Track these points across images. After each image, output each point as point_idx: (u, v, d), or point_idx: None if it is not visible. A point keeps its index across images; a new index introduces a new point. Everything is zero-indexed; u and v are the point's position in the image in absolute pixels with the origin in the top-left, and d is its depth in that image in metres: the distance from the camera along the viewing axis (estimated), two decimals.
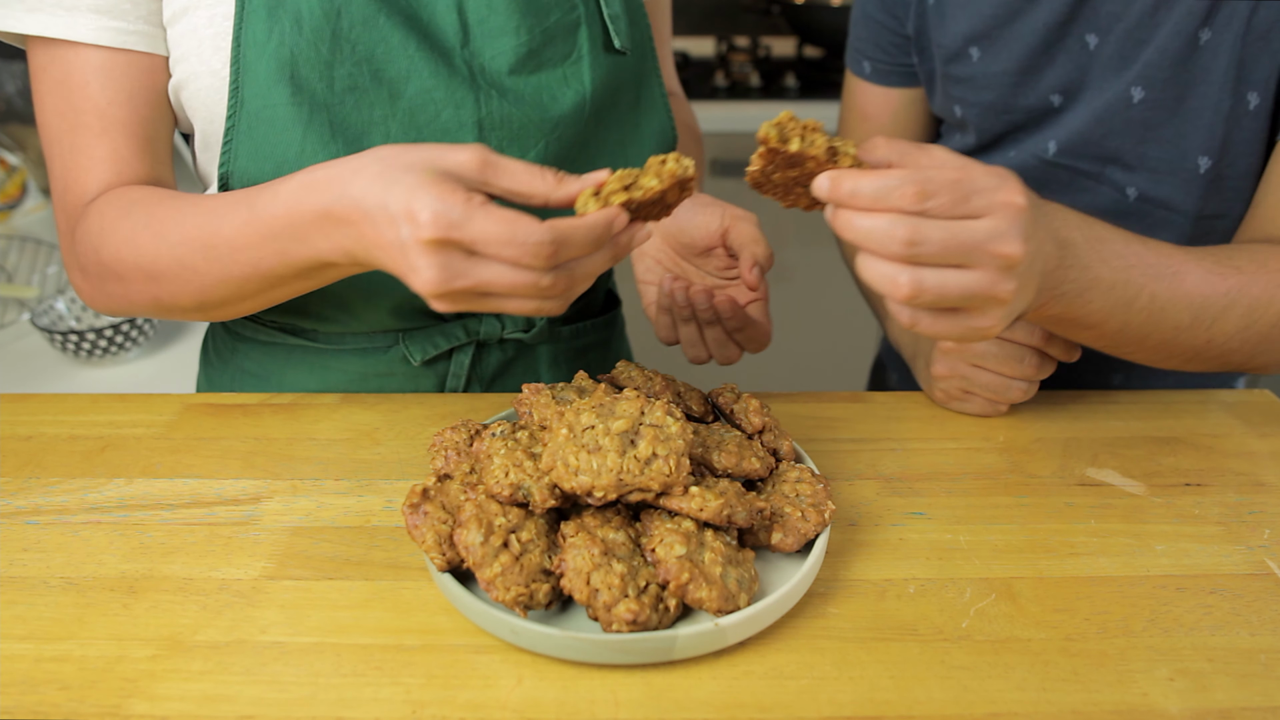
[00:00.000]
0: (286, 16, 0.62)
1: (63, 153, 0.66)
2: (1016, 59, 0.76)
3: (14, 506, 0.60)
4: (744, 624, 0.49)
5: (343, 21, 0.63)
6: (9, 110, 1.52)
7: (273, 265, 0.57)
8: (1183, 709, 0.46)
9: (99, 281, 0.66)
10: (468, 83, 0.66)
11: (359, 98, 0.64)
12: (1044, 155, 0.79)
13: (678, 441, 0.50)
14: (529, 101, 0.68)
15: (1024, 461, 0.66)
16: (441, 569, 0.50)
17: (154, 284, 0.62)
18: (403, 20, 0.64)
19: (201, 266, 0.60)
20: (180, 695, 0.47)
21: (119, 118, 0.65)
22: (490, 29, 0.66)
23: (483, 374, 0.78)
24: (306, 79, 0.63)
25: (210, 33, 0.63)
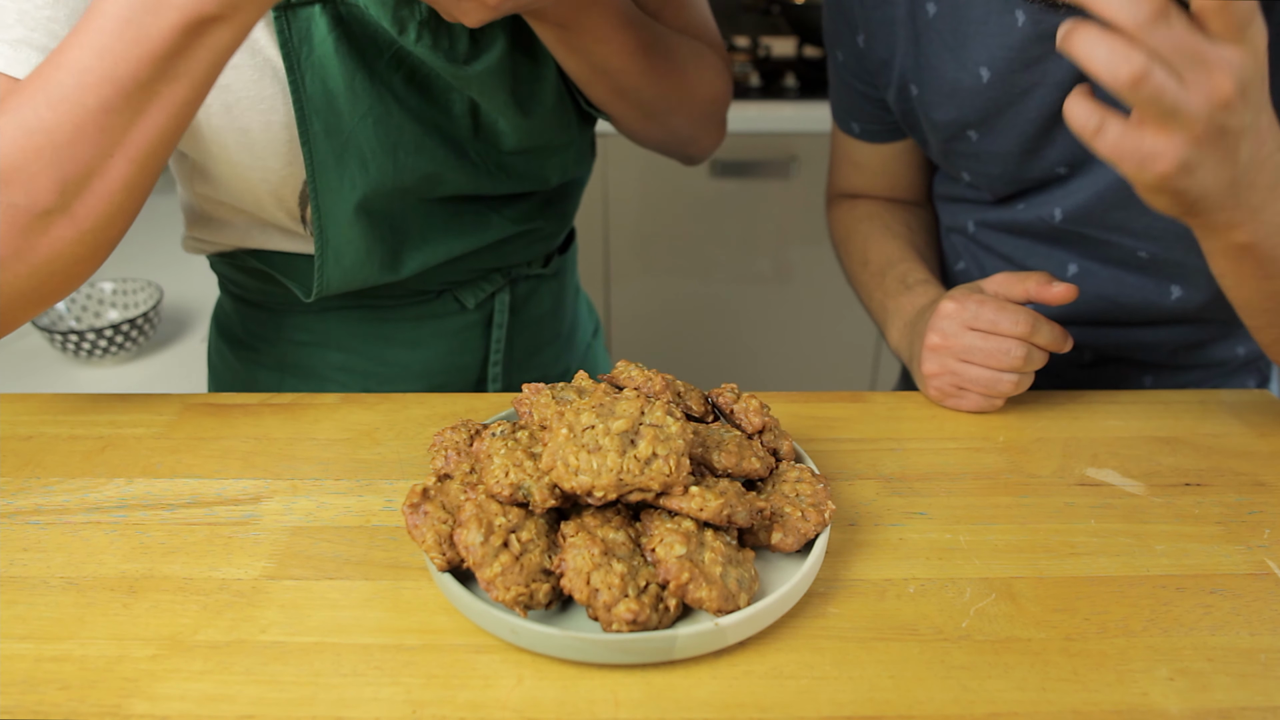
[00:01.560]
0: (353, 161, 0.66)
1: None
2: (1016, 142, 0.75)
3: (14, 506, 0.61)
4: (744, 624, 0.49)
5: (399, 153, 0.68)
6: None
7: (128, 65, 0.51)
8: (1183, 709, 0.46)
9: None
10: (483, 169, 0.74)
11: (417, 207, 0.73)
12: (1051, 221, 0.78)
13: (678, 441, 0.50)
14: (525, 176, 0.78)
15: (1024, 461, 0.66)
16: (441, 569, 0.50)
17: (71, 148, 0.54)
18: (441, 137, 0.70)
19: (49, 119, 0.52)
20: (180, 695, 0.47)
21: None
22: (496, 130, 0.74)
23: (518, 305, 0.88)
24: (377, 208, 0.70)
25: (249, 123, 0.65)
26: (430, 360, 0.84)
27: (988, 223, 0.85)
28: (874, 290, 0.85)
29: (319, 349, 0.82)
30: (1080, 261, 0.81)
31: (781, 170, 1.88)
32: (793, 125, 1.85)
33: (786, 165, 1.87)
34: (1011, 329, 0.67)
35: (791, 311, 2.11)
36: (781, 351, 2.17)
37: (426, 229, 0.75)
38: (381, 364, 0.83)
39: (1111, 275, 0.80)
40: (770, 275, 2.07)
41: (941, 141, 0.80)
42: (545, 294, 0.91)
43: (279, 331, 0.82)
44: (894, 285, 0.82)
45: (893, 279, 0.83)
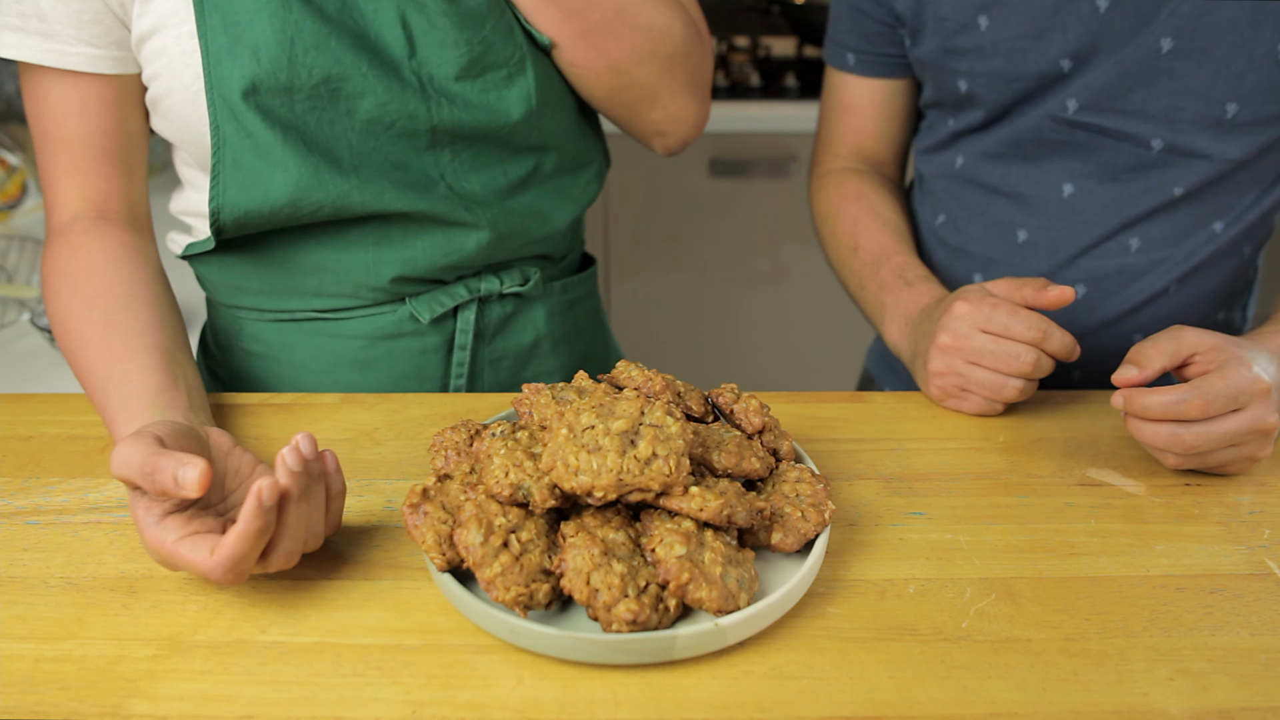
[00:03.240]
0: (245, 51, 0.65)
1: (45, 174, 0.72)
2: (1025, 23, 0.76)
3: (14, 506, 0.60)
4: (744, 624, 0.49)
5: (297, 48, 0.66)
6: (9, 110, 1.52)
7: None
8: (1183, 709, 0.46)
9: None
10: (418, 93, 0.69)
11: (319, 116, 0.68)
12: (1063, 115, 0.78)
13: (678, 441, 0.50)
14: (477, 105, 0.71)
15: (1024, 461, 0.66)
16: (441, 569, 0.50)
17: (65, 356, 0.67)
18: (353, 40, 0.67)
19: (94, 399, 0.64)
20: (180, 695, 0.47)
21: (84, 138, 0.70)
22: (433, 40, 0.69)
23: (486, 328, 0.80)
24: (270, 105, 0.66)
25: (179, 50, 0.66)
26: (383, 384, 0.79)
27: (981, 151, 0.85)
28: (866, 281, 0.85)
29: (272, 362, 0.79)
30: (1077, 181, 0.81)
31: (781, 170, 1.88)
32: (792, 125, 1.85)
33: (786, 165, 1.87)
34: (1024, 334, 0.67)
35: (791, 311, 2.11)
36: (781, 351, 2.16)
37: (359, 158, 0.69)
38: (334, 384, 0.78)
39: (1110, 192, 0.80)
40: (770, 275, 2.07)
41: (948, 37, 0.80)
42: (526, 323, 0.82)
43: (237, 340, 0.80)
44: (891, 279, 0.81)
45: (889, 272, 0.82)
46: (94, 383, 0.63)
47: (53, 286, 0.69)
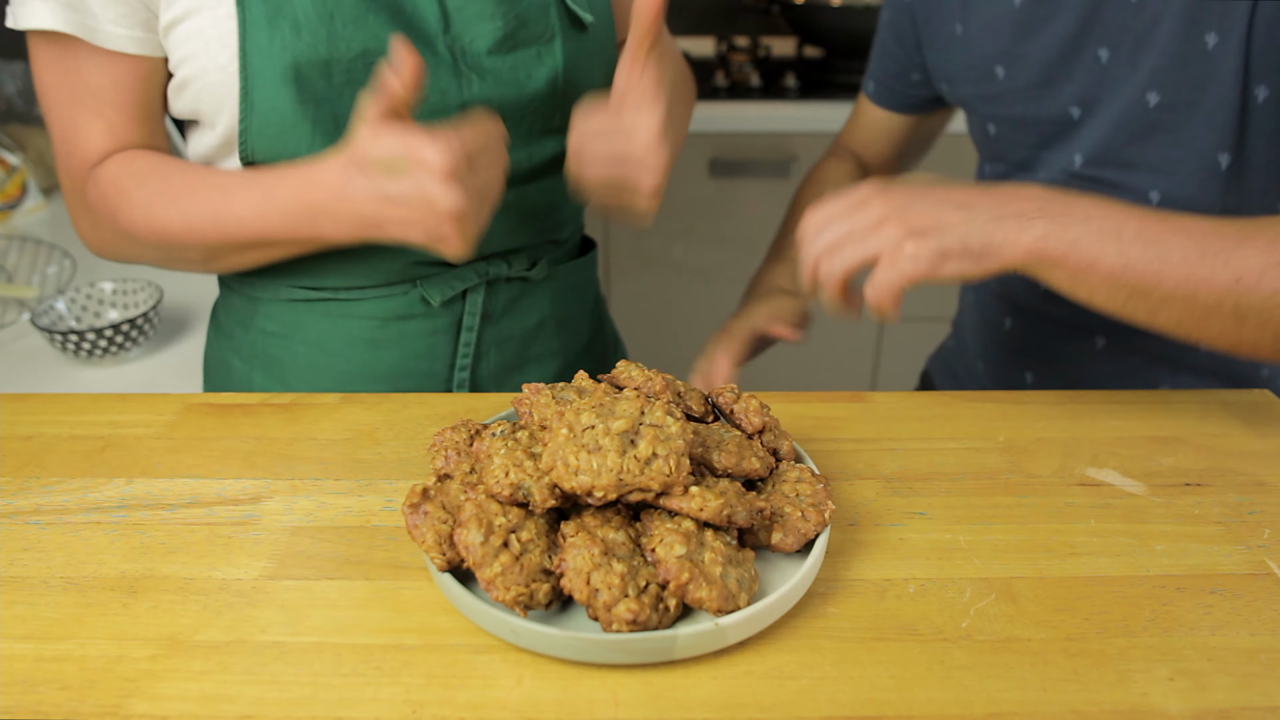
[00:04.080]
0: (285, 23, 0.66)
1: (63, 122, 0.73)
2: (1036, 73, 0.80)
3: (14, 506, 0.60)
4: (744, 624, 0.49)
5: (336, 22, 0.67)
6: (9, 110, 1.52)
7: (279, 237, 0.69)
8: (1183, 709, 0.46)
9: (111, 237, 0.75)
10: (451, 68, 0.71)
11: (355, 90, 0.69)
12: (1071, 169, 0.82)
13: (678, 441, 0.50)
14: (506, 80, 0.73)
15: (1024, 461, 0.66)
16: (441, 569, 0.50)
17: (165, 245, 0.72)
18: (389, 15, 0.69)
19: (211, 234, 0.70)
20: (180, 695, 0.47)
21: (116, 102, 0.72)
22: (469, 15, 0.71)
23: (493, 310, 0.82)
24: (309, 79, 0.68)
25: (216, 33, 0.67)
26: (394, 363, 0.80)
27: None
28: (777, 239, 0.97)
29: (287, 341, 0.80)
30: None
31: (781, 170, 1.88)
32: (792, 125, 1.85)
33: (786, 165, 1.87)
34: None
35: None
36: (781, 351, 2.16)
37: None
38: (346, 362, 0.80)
39: None
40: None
41: (974, 84, 0.86)
42: (531, 305, 0.84)
43: (252, 319, 0.81)
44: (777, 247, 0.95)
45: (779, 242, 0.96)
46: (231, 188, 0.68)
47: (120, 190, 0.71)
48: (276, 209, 0.66)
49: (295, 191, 0.66)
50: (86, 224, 0.76)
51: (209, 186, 0.70)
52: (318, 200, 0.64)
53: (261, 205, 0.67)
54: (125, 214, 0.71)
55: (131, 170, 0.72)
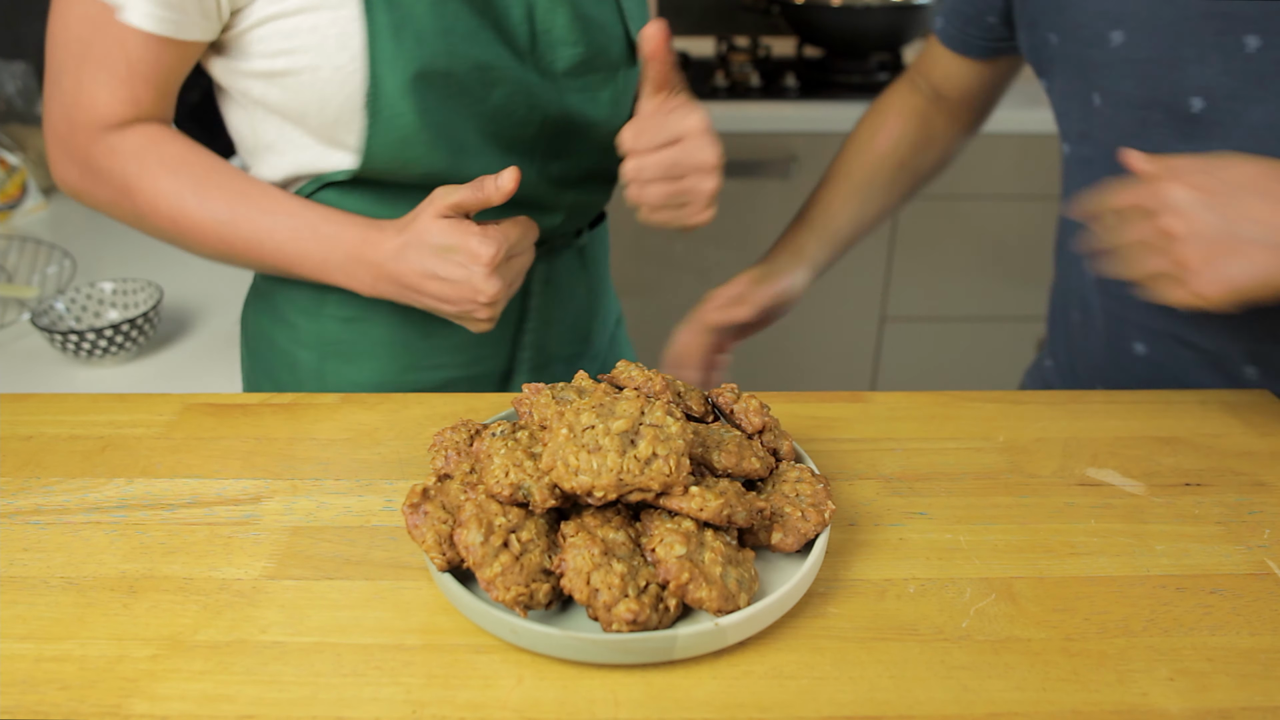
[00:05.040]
0: (409, 34, 0.70)
1: (75, 75, 0.72)
2: (1161, 45, 0.67)
3: (14, 506, 0.60)
4: (744, 624, 0.49)
5: (454, 36, 0.71)
6: (9, 110, 1.52)
7: (303, 269, 0.74)
8: (1183, 709, 0.46)
9: (104, 196, 0.75)
10: (539, 85, 0.77)
11: (460, 102, 0.74)
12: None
13: (678, 441, 0.50)
14: (576, 103, 0.79)
15: (1024, 461, 0.66)
16: (441, 569, 0.50)
17: (178, 233, 0.74)
18: (495, 32, 0.74)
19: (238, 244, 0.73)
20: (180, 695, 0.47)
21: (147, 75, 0.72)
22: (553, 37, 0.77)
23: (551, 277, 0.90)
24: (426, 91, 0.72)
25: (335, 32, 0.69)
26: (469, 336, 0.85)
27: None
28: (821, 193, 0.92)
29: (362, 324, 0.83)
30: None
31: (781, 170, 1.88)
32: (793, 125, 1.85)
33: (786, 165, 1.87)
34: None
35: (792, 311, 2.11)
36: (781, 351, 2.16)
37: (481, 143, 0.76)
38: (423, 336, 0.84)
39: None
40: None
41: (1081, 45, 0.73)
42: (578, 270, 0.93)
43: (322, 307, 0.83)
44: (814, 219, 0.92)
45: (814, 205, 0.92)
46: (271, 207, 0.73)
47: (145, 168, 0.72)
48: (318, 246, 0.72)
49: (346, 239, 0.72)
50: (75, 173, 0.75)
51: (248, 199, 0.73)
52: (366, 256, 0.71)
53: (303, 237, 0.72)
54: (144, 192, 0.72)
55: (162, 152, 0.73)
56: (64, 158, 0.75)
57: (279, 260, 0.74)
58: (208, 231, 0.73)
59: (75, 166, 0.75)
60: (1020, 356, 2.19)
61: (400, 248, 0.70)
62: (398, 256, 0.70)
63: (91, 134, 0.73)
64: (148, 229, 0.76)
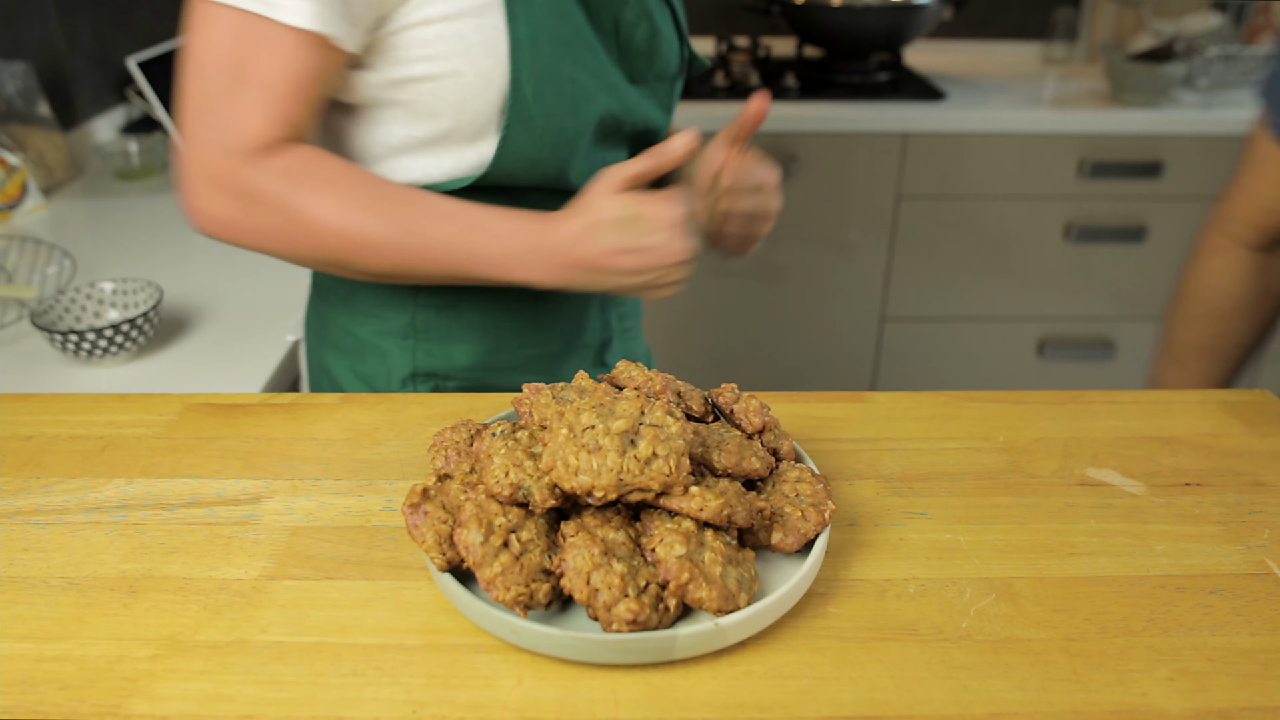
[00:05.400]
0: (545, 43, 0.74)
1: (223, 99, 0.71)
2: None
3: (14, 506, 0.60)
4: (744, 624, 0.49)
5: (576, 46, 0.76)
6: (9, 110, 1.52)
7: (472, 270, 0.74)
8: (1183, 709, 0.46)
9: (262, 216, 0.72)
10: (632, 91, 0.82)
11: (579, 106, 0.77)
12: None
13: (678, 441, 0.50)
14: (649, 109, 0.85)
15: (1024, 461, 0.66)
16: (441, 569, 0.50)
17: (349, 248, 0.72)
18: (604, 40, 0.79)
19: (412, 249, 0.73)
20: (180, 695, 0.47)
21: (294, 94, 0.71)
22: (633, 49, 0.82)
23: None
24: (548, 91, 0.75)
25: (479, 39, 0.72)
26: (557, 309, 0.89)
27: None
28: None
29: (455, 310, 0.84)
30: None
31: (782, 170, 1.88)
32: (793, 125, 1.85)
33: (786, 165, 1.86)
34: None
35: (792, 311, 2.11)
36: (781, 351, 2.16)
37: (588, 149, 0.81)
38: (512, 315, 0.86)
39: None
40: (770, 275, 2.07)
41: None
42: None
43: (413, 297, 0.85)
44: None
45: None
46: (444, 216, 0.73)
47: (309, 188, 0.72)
48: (495, 243, 0.72)
49: (522, 233, 0.72)
50: (225, 205, 0.72)
51: (418, 207, 0.73)
52: (547, 246, 0.72)
53: (478, 237, 0.72)
54: (312, 213, 0.71)
55: (324, 171, 0.72)
56: (213, 190, 0.73)
57: (457, 264, 0.73)
58: (383, 245, 0.72)
59: (227, 197, 0.73)
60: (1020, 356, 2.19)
61: (581, 231, 0.71)
62: (580, 240, 0.71)
63: (247, 160, 0.71)
64: (311, 250, 0.74)
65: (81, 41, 1.76)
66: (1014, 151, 1.95)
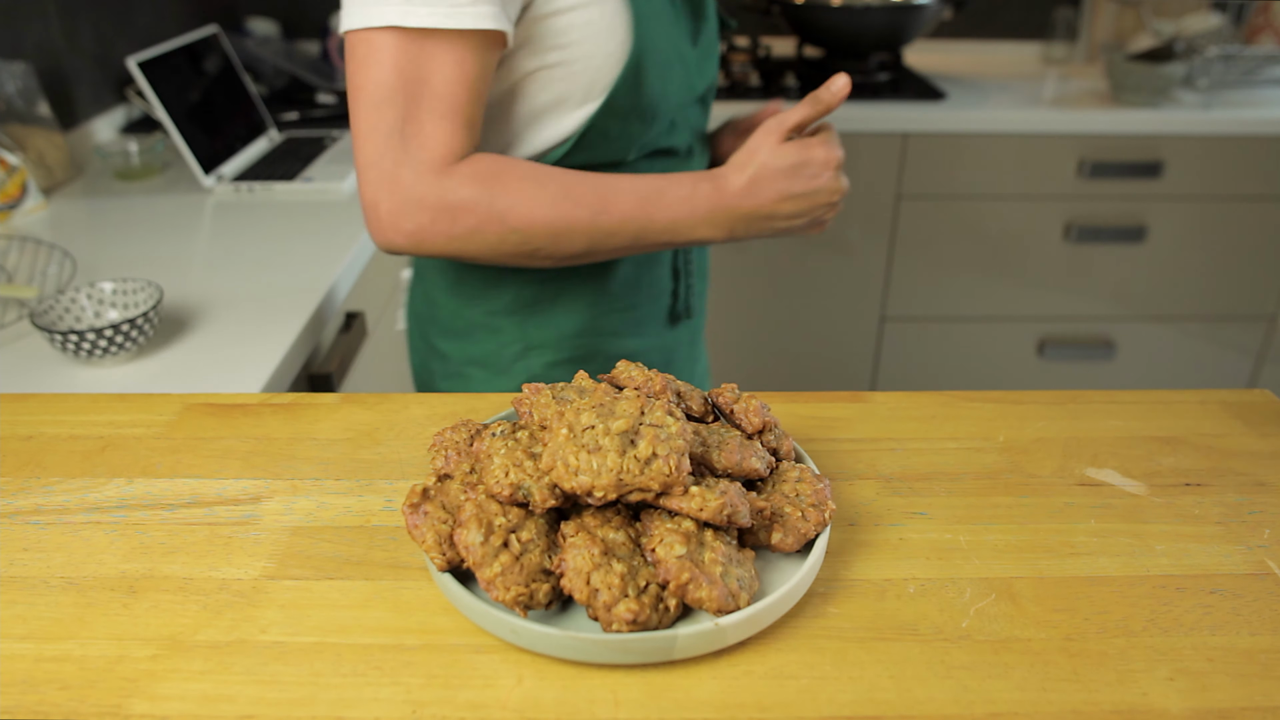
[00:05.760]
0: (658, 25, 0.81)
1: (415, 118, 0.74)
2: None
3: (14, 506, 0.61)
4: (744, 624, 0.49)
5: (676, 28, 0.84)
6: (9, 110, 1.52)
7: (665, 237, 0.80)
8: (1183, 709, 0.46)
9: (465, 221, 0.76)
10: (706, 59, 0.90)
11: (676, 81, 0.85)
12: None
13: (678, 441, 0.50)
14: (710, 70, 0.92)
15: (1024, 461, 0.66)
16: (441, 569, 0.50)
17: (553, 239, 0.78)
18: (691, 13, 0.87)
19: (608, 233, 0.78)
20: (180, 695, 0.47)
21: (469, 99, 0.75)
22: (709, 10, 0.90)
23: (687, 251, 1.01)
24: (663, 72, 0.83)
25: (605, 24, 0.78)
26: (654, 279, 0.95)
27: None
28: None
29: (558, 279, 0.90)
30: None
31: None
32: None
33: None
34: None
35: (792, 311, 2.11)
36: (781, 351, 2.16)
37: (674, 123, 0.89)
38: (613, 279, 0.92)
39: None
40: (770, 275, 2.07)
41: None
42: None
43: (516, 274, 0.90)
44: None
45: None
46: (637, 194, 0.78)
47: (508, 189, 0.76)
48: (676, 209, 0.78)
49: (698, 195, 0.78)
50: (424, 220, 0.75)
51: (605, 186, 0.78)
52: (723, 204, 0.78)
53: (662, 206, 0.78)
54: (518, 209, 0.75)
55: (513, 169, 0.76)
56: (413, 209, 0.75)
57: (640, 236, 0.79)
58: (577, 230, 0.77)
59: (429, 213, 0.75)
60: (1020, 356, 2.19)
61: (749, 184, 0.77)
62: (748, 193, 0.77)
63: (441, 173, 0.74)
64: (511, 245, 0.77)
65: (81, 41, 1.76)
66: (1014, 151, 1.95)
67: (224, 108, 1.63)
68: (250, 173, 1.56)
